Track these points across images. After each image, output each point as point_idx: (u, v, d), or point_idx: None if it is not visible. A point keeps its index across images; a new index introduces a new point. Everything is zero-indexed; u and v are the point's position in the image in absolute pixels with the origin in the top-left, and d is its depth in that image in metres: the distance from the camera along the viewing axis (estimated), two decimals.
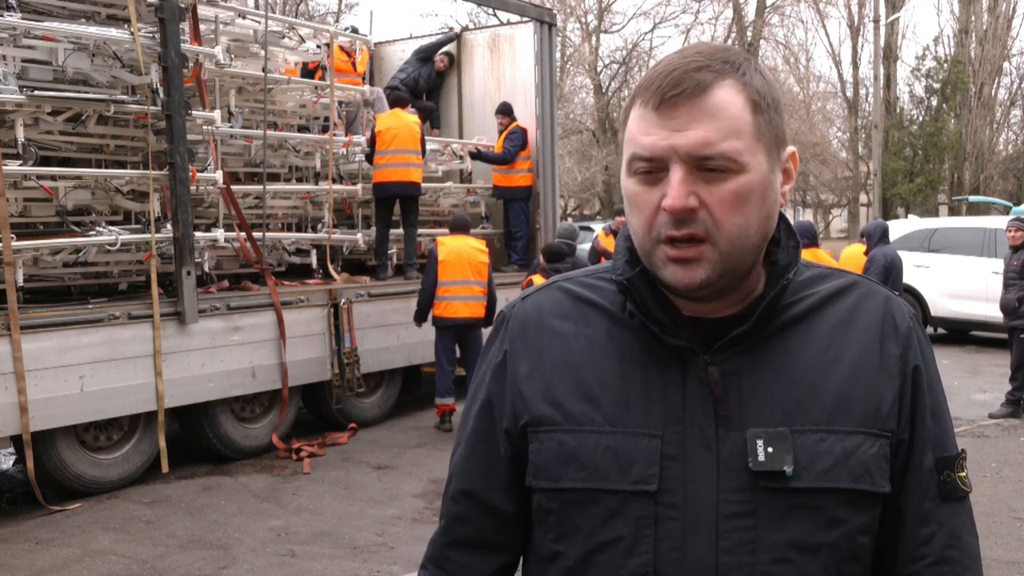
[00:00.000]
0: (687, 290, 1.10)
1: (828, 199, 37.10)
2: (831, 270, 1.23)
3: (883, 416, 1.12)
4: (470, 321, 7.70)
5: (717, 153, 1.05)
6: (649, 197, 1.09)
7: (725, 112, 1.06)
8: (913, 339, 1.16)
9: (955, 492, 1.16)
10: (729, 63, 1.09)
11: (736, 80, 1.08)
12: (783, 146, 1.13)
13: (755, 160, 1.08)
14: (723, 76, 1.07)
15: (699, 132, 1.05)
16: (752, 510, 1.08)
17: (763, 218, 1.10)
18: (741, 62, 1.10)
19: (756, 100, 1.08)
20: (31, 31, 6.05)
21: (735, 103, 1.07)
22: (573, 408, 1.15)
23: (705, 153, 1.05)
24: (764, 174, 1.09)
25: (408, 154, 8.40)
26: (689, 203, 1.05)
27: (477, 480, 1.24)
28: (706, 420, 1.11)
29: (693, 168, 1.06)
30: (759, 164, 1.08)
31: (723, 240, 1.07)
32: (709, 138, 1.05)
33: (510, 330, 1.24)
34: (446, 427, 7.78)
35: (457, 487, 1.26)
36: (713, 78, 1.06)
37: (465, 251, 7.79)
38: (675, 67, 1.07)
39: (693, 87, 1.06)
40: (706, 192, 1.06)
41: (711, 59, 1.08)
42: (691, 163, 1.06)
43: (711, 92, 1.06)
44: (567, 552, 1.15)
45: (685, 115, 1.06)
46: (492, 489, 1.23)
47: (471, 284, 7.72)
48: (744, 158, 1.06)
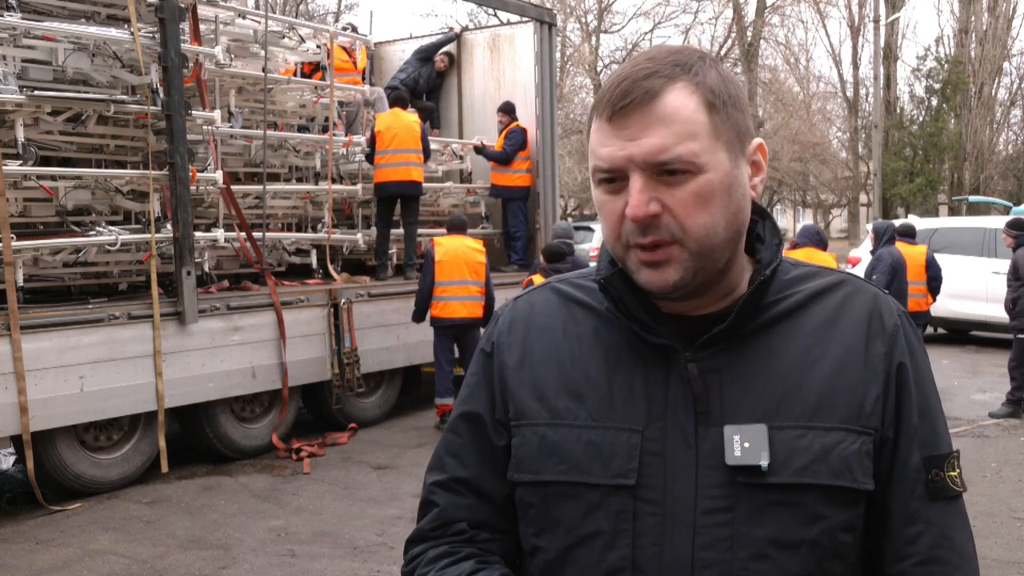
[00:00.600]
0: (662, 292, 1.11)
1: (828, 199, 37.10)
2: (819, 268, 1.23)
3: (866, 413, 1.12)
4: (467, 321, 7.68)
5: (673, 158, 1.06)
6: (614, 206, 1.10)
7: (678, 116, 1.06)
8: (900, 337, 1.16)
9: (945, 491, 1.15)
10: (680, 65, 1.08)
11: (687, 82, 1.08)
12: (747, 139, 1.13)
13: (715, 159, 1.08)
14: (673, 80, 1.07)
15: (652, 139, 1.06)
16: (730, 506, 1.09)
17: (731, 214, 1.10)
18: (693, 62, 1.10)
19: (710, 99, 1.08)
20: (31, 31, 6.05)
21: (687, 105, 1.07)
22: (558, 404, 1.17)
23: (661, 159, 1.06)
24: (726, 171, 1.09)
25: (408, 153, 8.40)
26: (650, 210, 1.06)
27: (466, 467, 1.24)
28: (686, 417, 1.12)
29: (652, 174, 1.07)
30: (719, 162, 1.08)
31: (691, 241, 1.08)
32: (664, 143, 1.05)
33: (500, 326, 1.27)
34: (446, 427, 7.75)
35: (445, 475, 1.26)
36: (662, 83, 1.07)
37: (462, 251, 7.77)
38: (625, 77, 1.08)
39: (642, 95, 1.06)
40: (668, 196, 1.07)
41: (661, 64, 1.08)
42: (649, 170, 1.06)
43: (661, 98, 1.06)
44: (547, 547, 1.16)
45: (637, 124, 1.06)
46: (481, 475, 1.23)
47: (468, 284, 7.71)
48: (702, 159, 1.07)
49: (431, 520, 1.26)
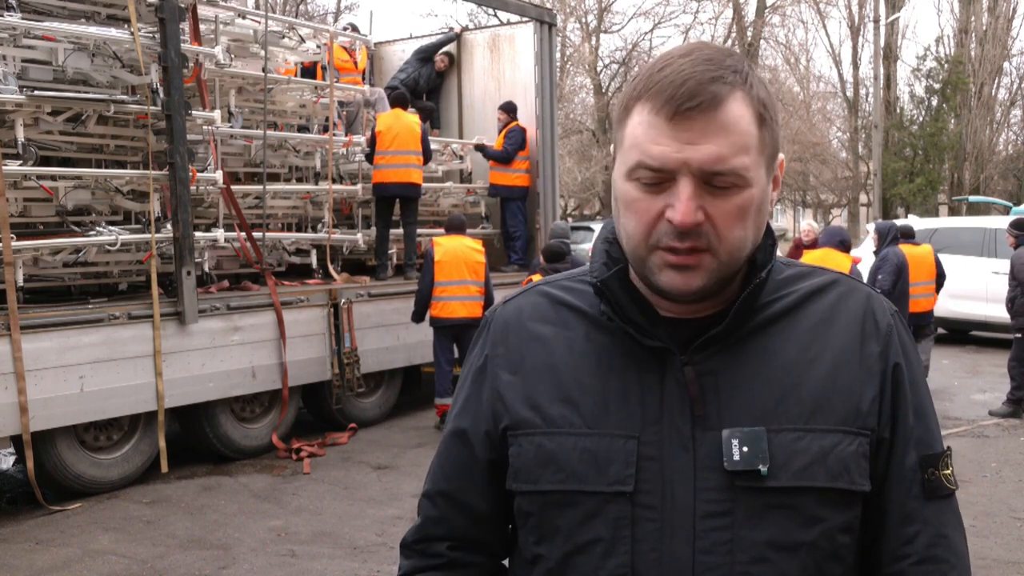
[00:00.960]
0: (682, 296, 1.10)
1: (828, 199, 37.06)
2: (812, 268, 1.22)
3: (863, 414, 1.12)
4: (467, 321, 7.65)
5: (728, 169, 1.04)
6: (651, 204, 1.07)
7: (737, 127, 1.05)
8: (894, 337, 1.16)
9: (940, 490, 1.15)
10: (738, 73, 1.07)
11: (745, 92, 1.07)
12: (776, 155, 1.13)
13: (758, 174, 1.08)
14: (734, 88, 1.06)
15: (712, 147, 1.04)
16: (729, 510, 1.08)
17: (757, 229, 1.11)
18: (747, 71, 1.08)
19: (761, 113, 1.08)
20: (31, 31, 6.05)
21: (744, 117, 1.06)
22: (552, 411, 1.16)
23: (717, 169, 1.04)
24: (763, 187, 1.09)
25: (408, 155, 8.40)
26: (698, 218, 1.05)
27: (453, 481, 1.25)
28: (683, 420, 1.11)
29: (701, 182, 1.05)
30: (760, 178, 1.08)
31: (724, 252, 1.07)
32: (722, 154, 1.04)
33: (491, 334, 1.25)
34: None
35: (433, 487, 1.28)
36: (727, 91, 1.05)
37: (461, 251, 7.77)
38: (688, 75, 1.04)
39: (709, 100, 1.04)
40: (712, 206, 1.06)
41: (722, 68, 1.06)
42: (700, 177, 1.05)
43: (725, 106, 1.04)
44: (547, 554, 1.16)
45: (700, 129, 1.04)
46: (467, 490, 1.24)
47: (468, 284, 7.72)
48: (751, 173, 1.06)
49: (415, 531, 1.29)
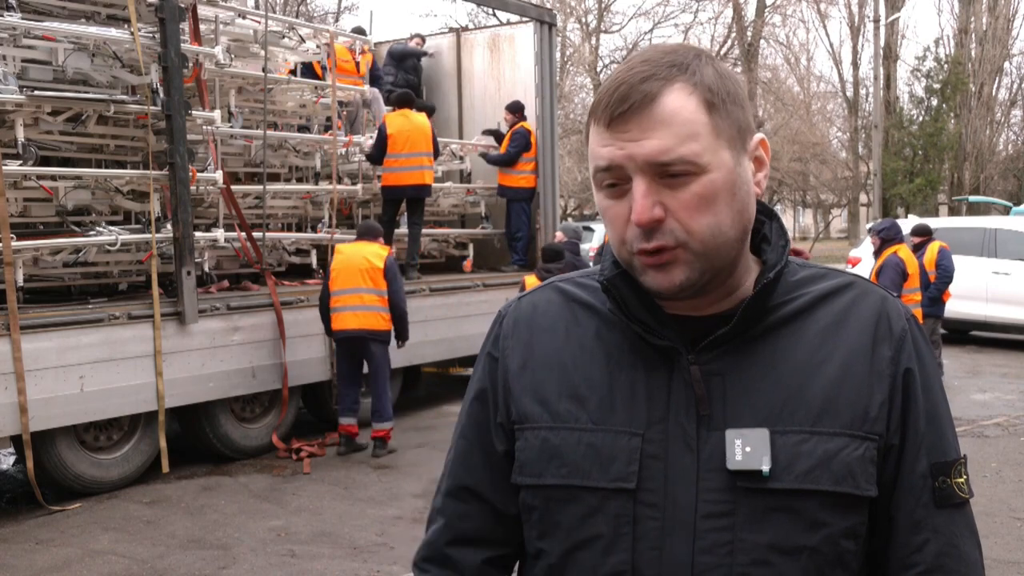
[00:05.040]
0: (670, 293, 1.09)
1: (828, 199, 37.09)
2: (827, 270, 1.21)
3: (871, 419, 1.10)
4: (360, 333, 6.92)
5: (675, 159, 1.04)
6: (619, 210, 1.08)
7: (677, 117, 1.04)
8: (907, 341, 1.14)
9: (951, 498, 1.13)
10: (676, 66, 1.07)
11: (685, 82, 1.06)
12: (749, 136, 1.11)
13: (717, 158, 1.06)
14: (670, 81, 1.05)
15: (655, 141, 1.04)
16: (730, 510, 1.07)
17: (736, 212, 1.09)
18: (690, 61, 1.08)
19: (709, 98, 1.06)
20: (31, 31, 6.05)
21: (686, 106, 1.05)
22: (560, 407, 1.16)
23: (663, 160, 1.04)
24: (729, 169, 1.07)
25: (422, 156, 8.42)
26: (655, 214, 1.05)
27: (476, 474, 1.24)
28: (688, 420, 1.10)
29: (655, 176, 1.05)
30: (722, 161, 1.07)
31: (696, 243, 1.06)
32: (665, 145, 1.04)
33: (504, 327, 1.25)
34: (341, 451, 7.12)
35: (455, 483, 1.26)
36: (660, 86, 1.05)
37: (357, 259, 7.01)
38: (621, 81, 1.06)
39: (640, 99, 1.04)
40: (671, 198, 1.05)
41: (657, 66, 1.06)
42: (652, 172, 1.05)
43: (659, 101, 1.04)
44: (549, 550, 1.16)
45: (638, 127, 1.04)
46: (491, 483, 1.23)
47: (362, 292, 6.95)
48: (704, 159, 1.05)
49: (440, 532, 1.26)
